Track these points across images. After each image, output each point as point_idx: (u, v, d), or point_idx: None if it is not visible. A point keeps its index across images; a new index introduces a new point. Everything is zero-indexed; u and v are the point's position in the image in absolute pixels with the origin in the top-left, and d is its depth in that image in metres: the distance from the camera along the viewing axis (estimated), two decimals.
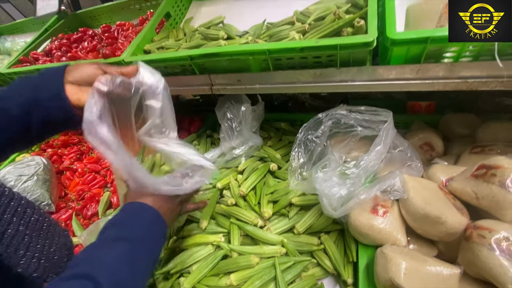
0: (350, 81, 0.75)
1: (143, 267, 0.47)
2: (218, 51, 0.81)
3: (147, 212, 0.52)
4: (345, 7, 0.80)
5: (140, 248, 0.47)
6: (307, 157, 0.85)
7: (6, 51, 1.56)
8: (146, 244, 0.49)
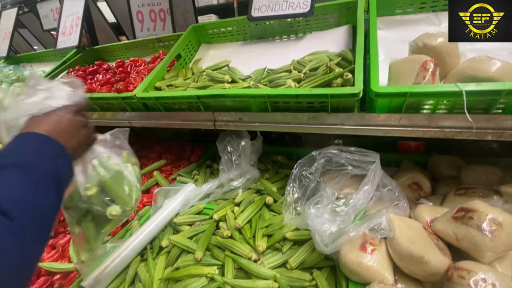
0: (340, 124, 0.82)
1: (42, 185, 0.46)
2: (223, 93, 0.90)
3: (29, 137, 0.50)
4: (336, 59, 0.91)
5: (32, 170, 0.46)
6: (301, 192, 0.90)
7: (24, 79, 1.67)
8: (38, 166, 0.47)
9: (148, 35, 1.59)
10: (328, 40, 1.12)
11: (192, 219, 1.04)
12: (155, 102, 1.04)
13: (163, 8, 1.54)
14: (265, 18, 1.14)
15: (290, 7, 1.11)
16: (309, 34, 1.22)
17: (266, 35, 1.29)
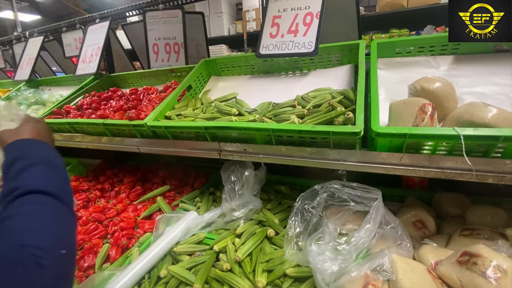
0: (342, 160, 0.84)
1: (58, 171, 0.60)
2: (229, 125, 0.94)
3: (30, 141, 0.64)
4: (338, 97, 0.96)
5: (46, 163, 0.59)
6: (303, 227, 0.89)
7: (42, 101, 1.77)
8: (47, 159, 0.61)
9: (162, 65, 1.69)
10: (331, 78, 1.18)
11: (193, 248, 1.03)
12: (164, 130, 1.08)
13: (177, 42, 1.65)
14: (272, 56, 1.22)
15: (295, 47, 1.19)
16: (313, 71, 1.28)
17: (273, 70, 1.37)
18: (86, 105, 1.52)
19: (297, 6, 1.22)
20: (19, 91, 1.94)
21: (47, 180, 0.54)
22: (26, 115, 0.70)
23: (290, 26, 1.23)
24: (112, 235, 1.19)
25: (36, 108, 1.69)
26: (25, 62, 2.19)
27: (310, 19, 1.19)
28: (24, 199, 0.49)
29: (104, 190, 1.55)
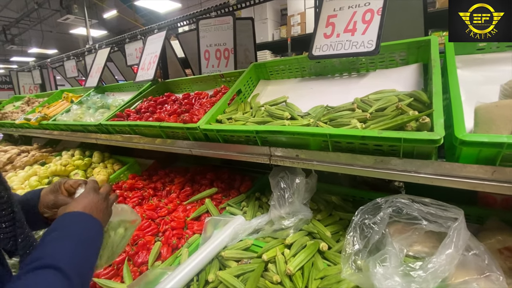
0: (414, 172, 0.74)
1: (88, 250, 0.59)
2: (282, 129, 0.90)
3: (73, 216, 0.62)
4: (407, 100, 0.85)
5: (78, 239, 0.57)
6: (363, 244, 0.80)
7: (107, 105, 1.96)
8: (82, 235, 0.59)
9: (212, 71, 1.73)
10: (395, 79, 1.07)
11: (240, 255, 1.00)
12: (216, 134, 1.09)
13: (227, 48, 1.69)
14: (326, 57, 1.15)
15: (353, 46, 1.10)
16: (372, 72, 1.18)
17: (326, 72, 1.30)
18: (144, 108, 1.63)
19: (355, 3, 1.14)
20: (89, 96, 2.19)
21: (69, 257, 0.53)
22: (89, 186, 0.73)
23: (347, 25, 1.15)
24: (163, 233, 1.24)
25: (102, 111, 1.87)
26: (94, 71, 2.47)
27: (370, 16, 1.10)
28: (39, 275, 0.49)
29: (157, 189, 1.64)
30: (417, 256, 0.80)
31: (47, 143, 2.74)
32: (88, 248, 0.59)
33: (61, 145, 2.65)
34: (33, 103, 2.92)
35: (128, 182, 1.69)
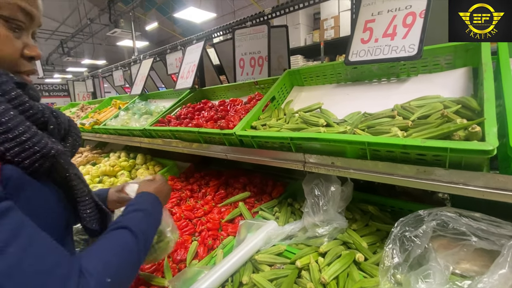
0: (462, 184, 0.69)
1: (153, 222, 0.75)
2: (318, 136, 0.90)
3: (148, 195, 0.81)
4: (454, 107, 0.80)
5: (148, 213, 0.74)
6: (403, 257, 0.77)
7: (150, 112, 2.12)
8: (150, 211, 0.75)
9: (247, 78, 1.79)
10: (440, 84, 1.01)
11: (273, 260, 1.01)
12: (251, 140, 1.12)
13: (262, 56, 1.73)
14: (363, 63, 1.13)
15: (393, 51, 1.07)
16: (414, 77, 1.13)
17: (363, 77, 1.27)
18: (183, 115, 1.74)
19: (395, 7, 1.11)
20: (134, 103, 2.38)
21: (138, 223, 0.67)
22: (160, 177, 0.94)
23: (386, 29, 1.12)
24: (200, 233, 1.30)
25: (146, 117, 2.03)
26: (138, 80, 2.69)
27: (411, 19, 1.06)
28: (115, 231, 0.63)
29: (193, 191, 1.72)
30: (465, 275, 0.74)
31: (97, 145, 3.04)
32: (152, 222, 0.75)
33: (108, 147, 2.92)
34: (86, 109, 3.26)
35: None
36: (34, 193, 0.53)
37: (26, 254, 0.41)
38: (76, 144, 0.70)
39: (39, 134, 0.53)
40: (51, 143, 0.55)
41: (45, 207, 0.56)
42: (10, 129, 0.48)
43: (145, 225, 0.69)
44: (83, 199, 0.66)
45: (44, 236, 0.47)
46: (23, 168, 0.51)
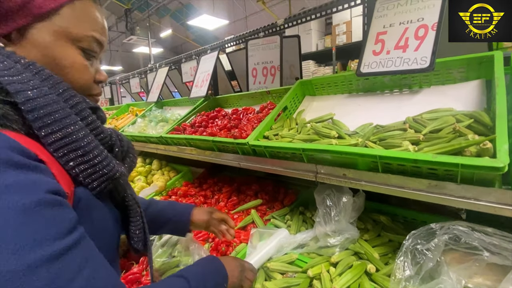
0: (474, 199, 0.70)
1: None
2: (330, 148, 0.92)
3: (220, 266, 0.77)
4: (467, 121, 0.80)
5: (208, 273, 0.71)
6: (415, 270, 0.78)
7: (166, 119, 2.20)
8: (215, 279, 0.72)
9: (259, 87, 1.83)
10: (453, 96, 1.01)
11: (285, 268, 1.04)
12: (264, 149, 1.16)
13: (274, 65, 1.77)
14: (375, 74, 1.15)
15: (405, 63, 1.08)
16: (426, 89, 1.13)
17: (375, 88, 1.28)
18: (197, 123, 1.80)
19: (407, 19, 1.12)
20: (150, 111, 2.48)
21: (197, 277, 0.65)
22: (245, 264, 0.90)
23: (398, 41, 1.13)
24: (213, 239, 1.34)
25: (162, 124, 2.11)
26: (155, 88, 2.79)
27: (424, 32, 1.07)
28: (171, 277, 0.64)
29: (207, 197, 1.77)
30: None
31: None
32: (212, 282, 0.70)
33: None
34: None
35: (182, 189, 1.86)
36: (98, 213, 0.56)
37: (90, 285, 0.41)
38: (132, 165, 0.71)
39: (108, 157, 0.55)
40: (117, 166, 0.57)
41: (105, 227, 0.58)
42: (87, 152, 0.50)
43: (202, 284, 0.66)
44: (135, 219, 0.68)
45: (105, 265, 0.48)
46: (91, 189, 0.53)
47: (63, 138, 0.47)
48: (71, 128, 0.48)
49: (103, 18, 0.61)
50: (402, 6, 1.15)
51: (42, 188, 0.40)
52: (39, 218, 0.38)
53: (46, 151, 0.46)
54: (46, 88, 0.48)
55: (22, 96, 0.44)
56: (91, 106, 0.57)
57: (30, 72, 0.48)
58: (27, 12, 0.49)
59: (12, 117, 0.44)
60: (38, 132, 0.45)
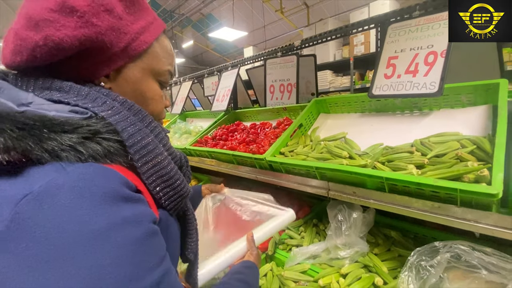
0: (474, 221, 0.76)
1: None
2: (340, 168, 1.01)
3: (255, 268, 0.83)
4: (470, 147, 0.87)
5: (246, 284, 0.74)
6: (418, 285, 0.84)
7: (189, 131, 2.36)
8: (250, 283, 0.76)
9: (276, 103, 1.95)
10: (460, 121, 1.07)
11: (298, 277, 1.12)
12: (280, 165, 1.26)
13: (291, 83, 1.88)
14: (386, 97, 1.22)
15: (415, 87, 1.15)
16: (436, 111, 1.19)
17: (386, 109, 1.35)
18: (218, 136, 1.94)
19: (417, 46, 1.19)
20: (175, 123, 2.66)
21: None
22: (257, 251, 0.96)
23: (408, 66, 1.20)
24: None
25: (185, 136, 2.27)
26: (179, 100, 2.99)
27: (433, 58, 1.14)
28: None
29: None
30: None
31: None
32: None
33: None
34: None
35: None
36: (172, 229, 0.60)
37: None
38: (189, 179, 0.77)
39: (183, 179, 0.59)
40: (187, 186, 0.61)
41: (174, 240, 0.62)
42: (170, 177, 0.54)
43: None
44: (192, 232, 0.72)
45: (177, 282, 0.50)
46: (169, 209, 0.56)
47: (154, 167, 0.51)
48: (160, 157, 0.52)
49: (172, 50, 0.65)
50: (412, 33, 1.23)
51: (148, 220, 0.45)
52: (147, 248, 0.43)
53: (139, 180, 0.50)
54: (139, 123, 0.52)
55: (126, 134, 0.48)
56: (165, 132, 0.62)
57: (125, 109, 0.52)
58: (125, 54, 0.54)
59: (118, 152, 0.47)
60: (136, 163, 0.49)
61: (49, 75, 0.49)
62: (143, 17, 0.57)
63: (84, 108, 0.47)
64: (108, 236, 0.38)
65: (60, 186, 0.38)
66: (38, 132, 0.40)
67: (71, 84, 0.49)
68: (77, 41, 0.46)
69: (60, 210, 0.37)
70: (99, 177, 0.41)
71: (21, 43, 0.45)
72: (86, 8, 0.46)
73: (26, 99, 0.44)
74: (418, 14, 1.23)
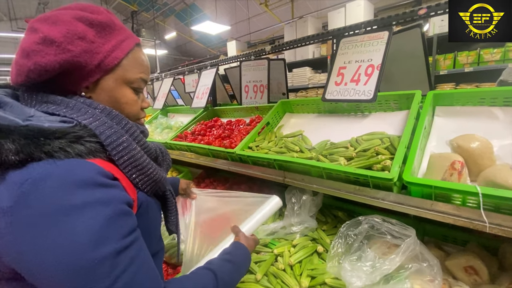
0: (381, 199, 1.02)
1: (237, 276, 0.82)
2: (291, 160, 1.25)
3: (244, 249, 0.91)
4: (387, 144, 1.13)
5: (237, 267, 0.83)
6: (345, 249, 1.10)
7: (170, 126, 2.53)
8: (241, 266, 0.85)
9: (250, 102, 2.16)
10: (389, 122, 1.33)
11: (259, 249, 1.37)
12: (247, 158, 1.49)
13: (263, 84, 2.09)
14: (335, 101, 1.47)
15: (356, 94, 1.40)
16: (373, 113, 1.45)
17: (337, 110, 1.60)
18: (197, 131, 2.13)
19: (360, 58, 1.44)
20: (156, 118, 2.81)
21: (225, 274, 0.75)
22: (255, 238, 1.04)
23: (353, 75, 1.45)
24: None
25: (167, 131, 2.44)
26: (160, 96, 3.12)
27: (371, 70, 1.39)
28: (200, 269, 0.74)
29: None
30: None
31: None
32: (236, 276, 0.82)
33: None
34: None
35: None
36: (152, 208, 0.73)
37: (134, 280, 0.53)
38: (168, 167, 0.88)
39: (155, 167, 0.72)
40: (160, 172, 0.74)
41: (155, 216, 0.75)
42: (143, 167, 0.68)
43: (229, 277, 0.76)
44: (171, 208, 0.86)
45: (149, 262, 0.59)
46: (146, 191, 0.70)
47: (129, 159, 0.64)
48: (133, 152, 0.65)
49: (146, 59, 0.75)
50: (358, 47, 1.47)
51: (119, 201, 0.56)
52: (115, 222, 0.54)
53: (117, 169, 0.63)
54: (116, 125, 0.64)
55: (104, 136, 0.61)
56: (141, 130, 0.75)
57: (104, 115, 0.64)
58: (100, 70, 0.65)
59: (98, 150, 0.60)
60: (113, 157, 0.62)
61: (45, 90, 0.63)
62: (114, 37, 0.67)
63: (70, 118, 0.60)
64: (82, 211, 0.50)
65: (51, 174, 0.51)
66: (37, 140, 0.52)
67: (61, 98, 0.62)
68: (58, 64, 0.58)
69: (49, 190, 0.50)
70: (80, 168, 0.54)
71: (20, 68, 0.59)
72: (62, 38, 0.58)
73: (29, 113, 0.58)
74: (363, 31, 1.47)
